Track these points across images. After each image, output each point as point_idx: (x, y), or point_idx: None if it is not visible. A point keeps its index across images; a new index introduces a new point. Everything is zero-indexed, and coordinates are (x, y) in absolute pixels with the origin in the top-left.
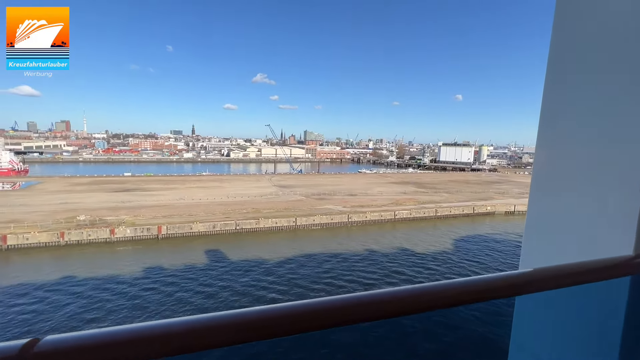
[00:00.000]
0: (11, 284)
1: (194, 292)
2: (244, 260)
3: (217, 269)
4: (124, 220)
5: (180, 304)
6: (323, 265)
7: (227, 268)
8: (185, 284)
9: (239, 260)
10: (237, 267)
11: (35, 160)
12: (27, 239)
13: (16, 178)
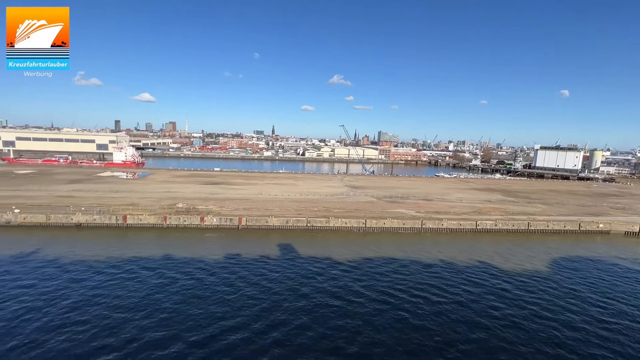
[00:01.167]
0: (125, 257)
1: (262, 283)
2: (312, 258)
3: (288, 263)
4: (212, 210)
5: (254, 290)
6: (389, 273)
7: (296, 263)
8: (256, 272)
9: (309, 257)
10: (307, 263)
11: (149, 154)
12: (140, 219)
13: (136, 169)
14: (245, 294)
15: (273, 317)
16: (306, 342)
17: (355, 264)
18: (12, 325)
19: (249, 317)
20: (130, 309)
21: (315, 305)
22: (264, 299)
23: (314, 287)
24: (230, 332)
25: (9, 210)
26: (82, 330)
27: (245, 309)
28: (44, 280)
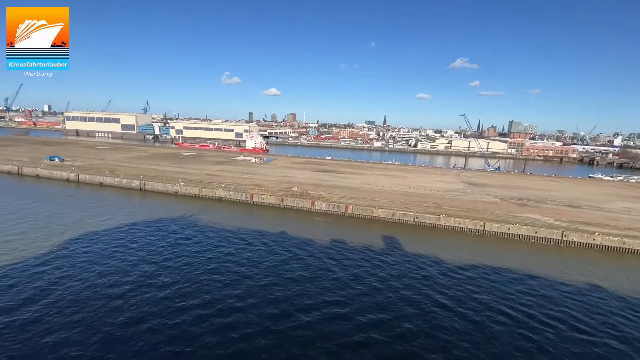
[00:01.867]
0: (249, 228)
1: (364, 273)
2: (417, 256)
3: (391, 258)
4: (322, 196)
5: (351, 278)
6: (511, 288)
7: (400, 259)
8: (359, 263)
9: (414, 255)
10: (411, 262)
11: (273, 142)
12: (263, 198)
13: (262, 155)
14: (346, 280)
15: (373, 314)
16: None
17: (469, 272)
18: (182, 265)
19: (351, 304)
20: (248, 276)
21: (424, 312)
22: (364, 290)
23: (416, 289)
24: (331, 306)
25: (177, 183)
26: (219, 279)
27: (347, 293)
28: (193, 239)
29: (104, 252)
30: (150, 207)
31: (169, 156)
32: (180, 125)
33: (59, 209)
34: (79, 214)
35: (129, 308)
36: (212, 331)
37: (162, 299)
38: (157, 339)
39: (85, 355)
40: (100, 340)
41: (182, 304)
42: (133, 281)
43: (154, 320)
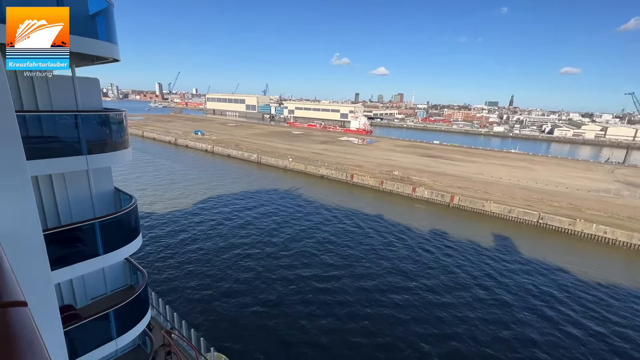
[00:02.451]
0: (346, 207)
1: (466, 277)
2: (541, 265)
3: (502, 261)
4: (424, 182)
5: (448, 276)
6: None
7: (514, 266)
8: (461, 261)
9: (535, 261)
10: (531, 274)
11: (377, 124)
12: (363, 180)
13: (365, 136)
14: (444, 280)
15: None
16: None
17: (619, 301)
18: (286, 233)
19: (453, 302)
20: (344, 256)
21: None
22: (465, 298)
23: (539, 312)
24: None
25: (286, 159)
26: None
27: (448, 291)
28: (294, 209)
29: (228, 209)
30: (264, 178)
31: (281, 134)
32: (292, 106)
33: (200, 172)
34: (212, 178)
35: (246, 253)
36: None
37: (269, 255)
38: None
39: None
40: (223, 278)
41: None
42: (248, 234)
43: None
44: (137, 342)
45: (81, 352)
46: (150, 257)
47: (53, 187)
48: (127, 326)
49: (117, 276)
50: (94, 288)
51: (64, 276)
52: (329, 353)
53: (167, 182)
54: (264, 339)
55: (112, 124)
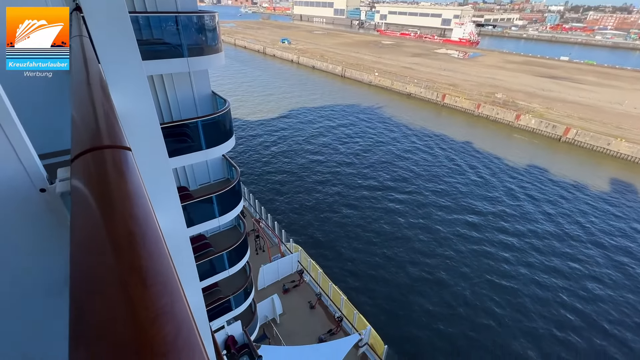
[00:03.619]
0: (432, 131)
1: (567, 229)
2: None
3: (619, 218)
4: (533, 109)
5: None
6: None
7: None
8: (562, 208)
9: None
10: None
11: (487, 32)
12: (456, 101)
13: (468, 48)
14: (532, 230)
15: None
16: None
17: None
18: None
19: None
20: (417, 175)
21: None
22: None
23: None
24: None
25: (372, 73)
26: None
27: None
28: (374, 129)
29: (307, 120)
30: (346, 92)
31: (369, 44)
32: (386, 10)
33: (288, 83)
34: (295, 89)
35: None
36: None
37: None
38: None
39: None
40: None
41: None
42: (329, 144)
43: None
44: (234, 224)
45: (195, 222)
46: (240, 157)
47: (165, 87)
48: (226, 209)
49: (217, 169)
50: (200, 176)
51: (177, 163)
52: (398, 265)
53: (255, 90)
54: (334, 236)
55: (207, 30)
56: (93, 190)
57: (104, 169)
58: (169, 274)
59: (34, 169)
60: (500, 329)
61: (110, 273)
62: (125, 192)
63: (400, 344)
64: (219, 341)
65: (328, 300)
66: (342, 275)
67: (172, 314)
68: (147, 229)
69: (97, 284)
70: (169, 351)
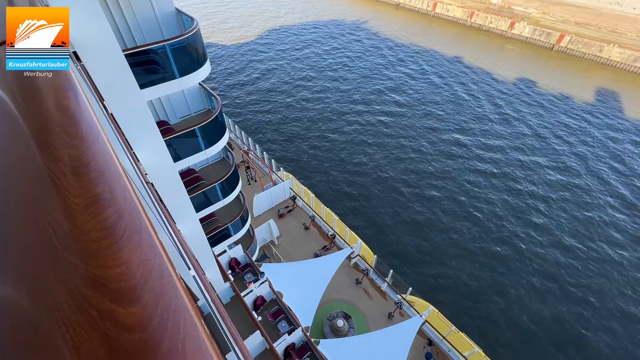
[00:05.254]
0: (419, 47)
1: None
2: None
3: (590, 131)
4: (529, 15)
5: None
6: None
7: (619, 135)
8: (548, 124)
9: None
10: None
11: None
12: (448, 10)
13: None
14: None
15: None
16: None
17: None
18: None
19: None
20: (398, 89)
21: None
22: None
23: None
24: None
25: None
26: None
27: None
28: (353, 42)
29: (288, 41)
30: (329, 5)
31: None
32: None
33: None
34: (273, 6)
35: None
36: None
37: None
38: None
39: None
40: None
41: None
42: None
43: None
44: (222, 156)
45: (182, 156)
46: (221, 88)
47: (121, 8)
48: (211, 141)
49: (195, 100)
50: (180, 109)
51: (150, 95)
52: (383, 180)
53: (224, 9)
54: (320, 159)
55: None
56: (16, 83)
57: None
58: (108, 163)
59: None
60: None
61: (34, 167)
62: (55, 84)
63: (388, 253)
64: (223, 262)
65: (321, 222)
66: (334, 197)
67: (111, 200)
68: (82, 120)
69: (20, 181)
70: (110, 235)
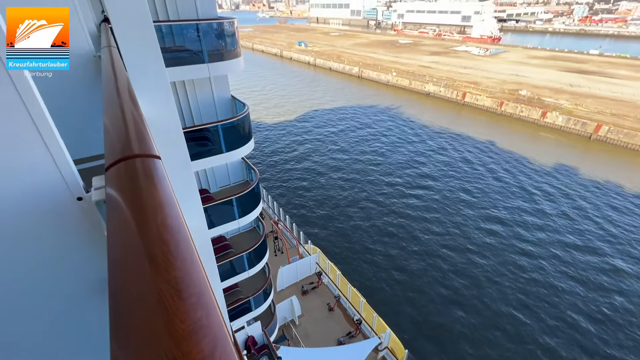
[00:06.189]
0: (455, 131)
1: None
2: None
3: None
4: (561, 106)
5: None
6: None
7: None
8: (588, 223)
9: None
10: None
11: (509, 28)
12: (477, 100)
13: (489, 45)
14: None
15: None
16: None
17: None
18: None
19: None
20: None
21: None
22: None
23: None
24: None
25: (389, 73)
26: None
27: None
28: (394, 130)
29: (325, 122)
30: (363, 93)
31: (386, 44)
32: (403, 9)
33: (304, 87)
34: (313, 91)
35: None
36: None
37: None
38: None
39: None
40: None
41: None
42: (346, 149)
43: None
44: (253, 225)
45: (216, 224)
46: (259, 159)
47: (186, 92)
48: (245, 211)
49: (236, 172)
50: (221, 179)
51: (199, 166)
52: (419, 269)
53: (272, 92)
54: (353, 238)
55: (226, 35)
56: (127, 201)
57: (136, 179)
58: (203, 285)
59: (72, 177)
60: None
61: (146, 285)
62: (158, 201)
63: (422, 348)
64: (240, 341)
65: (347, 303)
66: (360, 277)
67: (208, 327)
68: (180, 238)
69: (134, 296)
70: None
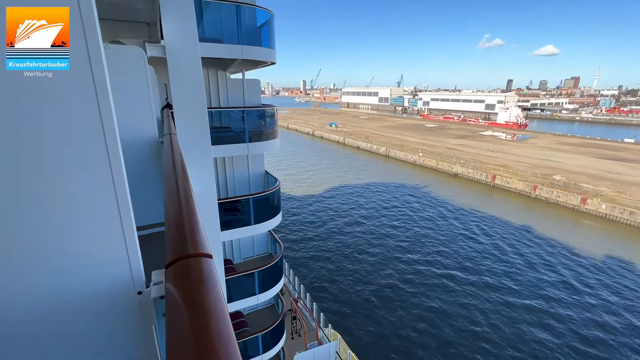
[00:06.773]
0: (488, 213)
1: None
2: None
3: None
4: (602, 193)
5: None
6: None
7: None
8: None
9: None
10: None
11: (535, 116)
12: (508, 182)
13: (516, 131)
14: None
15: None
16: None
17: None
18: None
19: None
20: (469, 269)
21: None
22: None
23: None
24: None
25: (416, 153)
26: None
27: None
28: (422, 209)
29: (353, 199)
30: (390, 171)
31: (412, 127)
32: (428, 97)
33: (333, 163)
34: (341, 168)
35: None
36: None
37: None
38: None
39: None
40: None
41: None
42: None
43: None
44: (272, 302)
45: (235, 298)
46: (285, 232)
47: (225, 167)
48: (266, 286)
49: (261, 244)
50: (245, 250)
51: (227, 237)
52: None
53: (302, 168)
54: (375, 327)
55: (267, 117)
56: (184, 303)
57: (189, 279)
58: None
59: (138, 271)
60: None
61: None
62: (211, 306)
63: None
64: None
65: None
66: None
67: None
68: (229, 347)
69: None
70: None
